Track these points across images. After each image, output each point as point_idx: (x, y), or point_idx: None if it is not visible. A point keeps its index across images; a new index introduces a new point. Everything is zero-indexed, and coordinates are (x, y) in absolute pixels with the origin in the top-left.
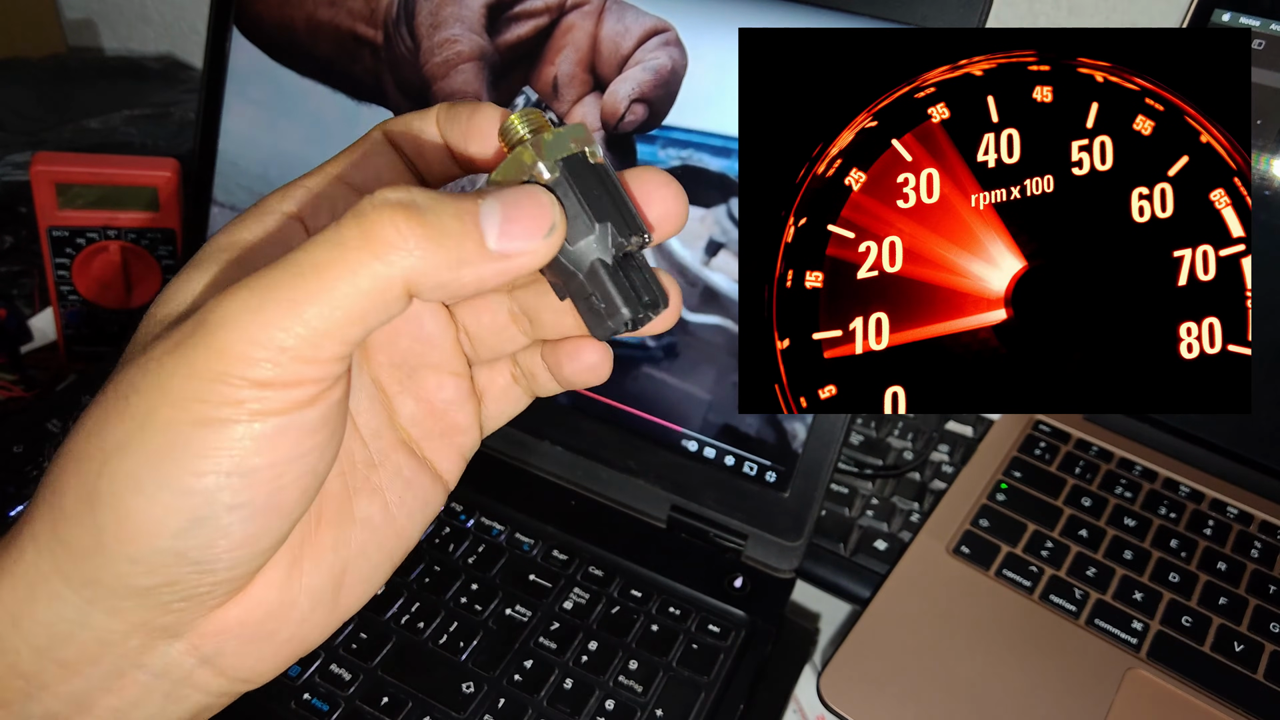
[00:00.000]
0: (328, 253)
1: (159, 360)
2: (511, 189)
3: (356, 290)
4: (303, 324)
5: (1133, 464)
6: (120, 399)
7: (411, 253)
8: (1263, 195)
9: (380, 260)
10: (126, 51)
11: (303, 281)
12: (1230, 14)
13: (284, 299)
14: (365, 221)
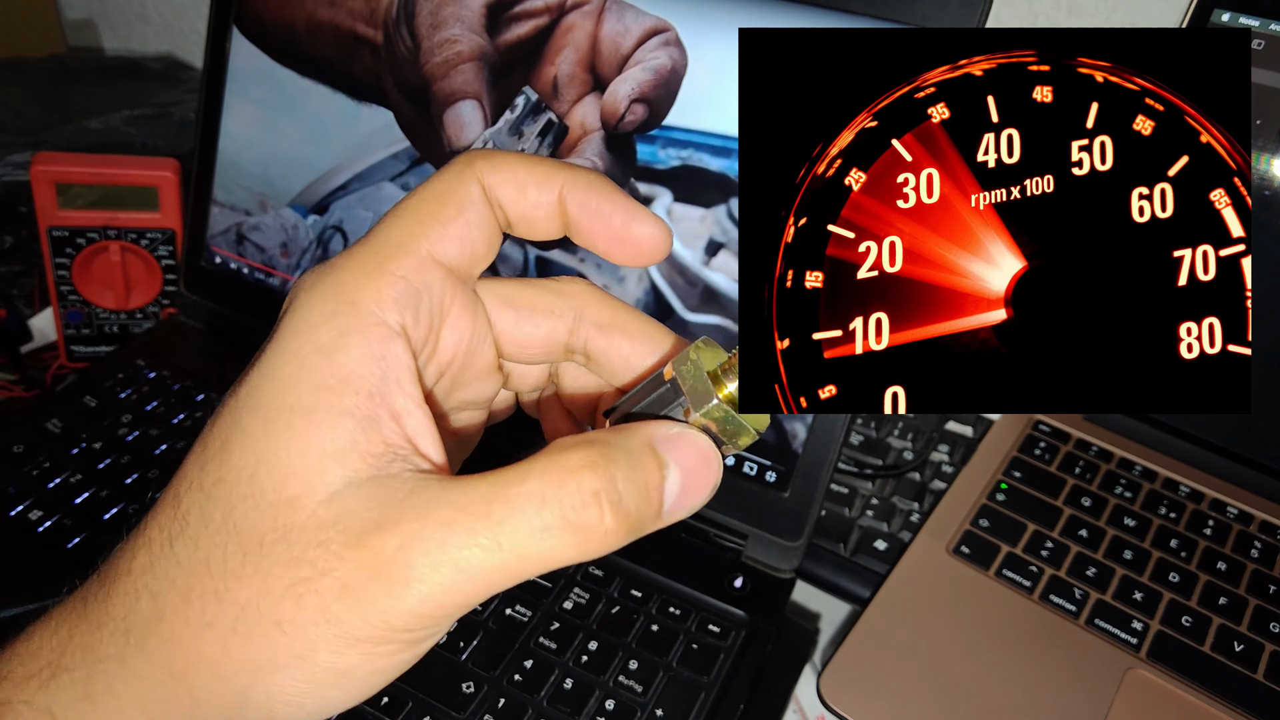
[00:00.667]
0: (528, 541)
1: (323, 599)
2: (689, 452)
3: (547, 566)
4: (490, 590)
5: (1133, 464)
6: (271, 623)
7: (605, 543)
8: (1262, 195)
9: (583, 553)
10: (127, 51)
11: (495, 559)
12: (1230, 14)
13: (477, 573)
14: (571, 515)
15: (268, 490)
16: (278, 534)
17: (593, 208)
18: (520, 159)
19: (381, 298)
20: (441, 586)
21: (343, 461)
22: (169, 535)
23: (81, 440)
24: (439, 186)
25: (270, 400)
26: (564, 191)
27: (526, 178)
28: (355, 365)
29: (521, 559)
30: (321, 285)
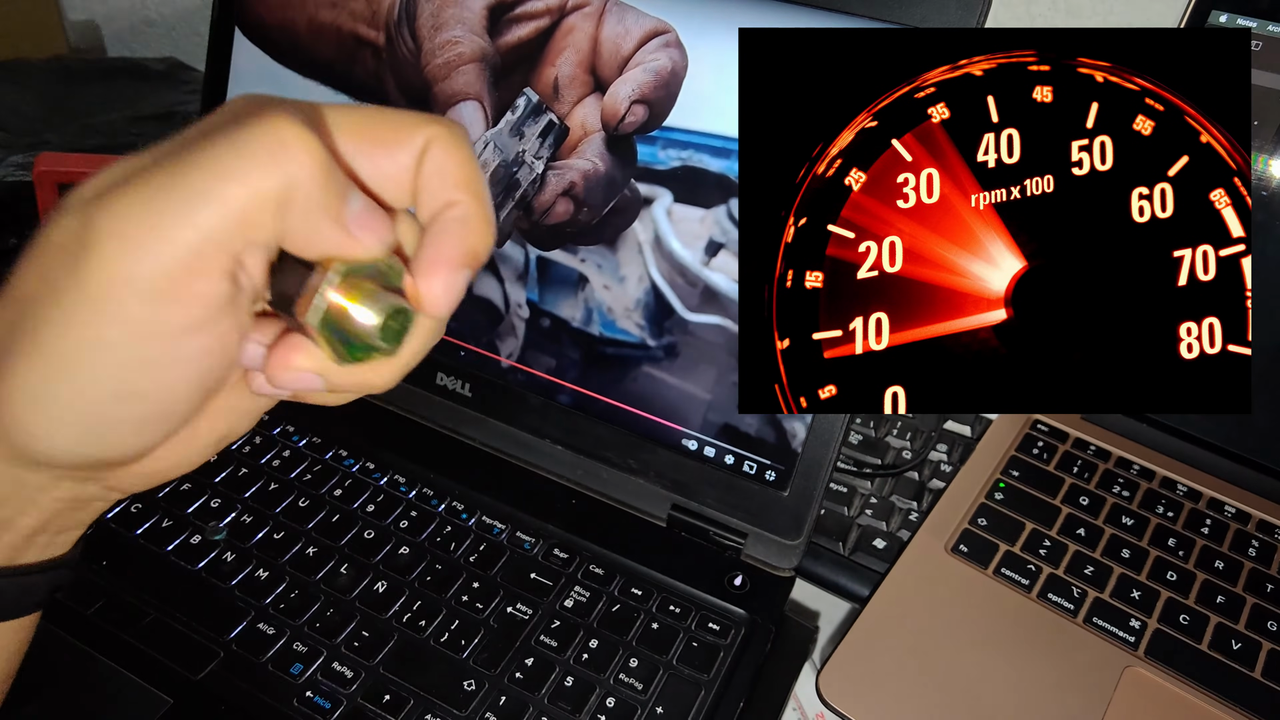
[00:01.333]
0: (221, 156)
1: (53, 270)
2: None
3: (249, 194)
4: (192, 238)
5: (1130, 463)
6: (23, 308)
7: (304, 167)
8: (1262, 195)
9: (278, 167)
10: (129, 53)
11: (189, 187)
12: (1228, 15)
13: (177, 211)
14: (264, 132)
15: (62, 201)
16: (44, 229)
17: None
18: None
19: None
20: (130, 225)
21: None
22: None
23: None
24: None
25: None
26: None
27: (452, 175)
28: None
29: (208, 215)
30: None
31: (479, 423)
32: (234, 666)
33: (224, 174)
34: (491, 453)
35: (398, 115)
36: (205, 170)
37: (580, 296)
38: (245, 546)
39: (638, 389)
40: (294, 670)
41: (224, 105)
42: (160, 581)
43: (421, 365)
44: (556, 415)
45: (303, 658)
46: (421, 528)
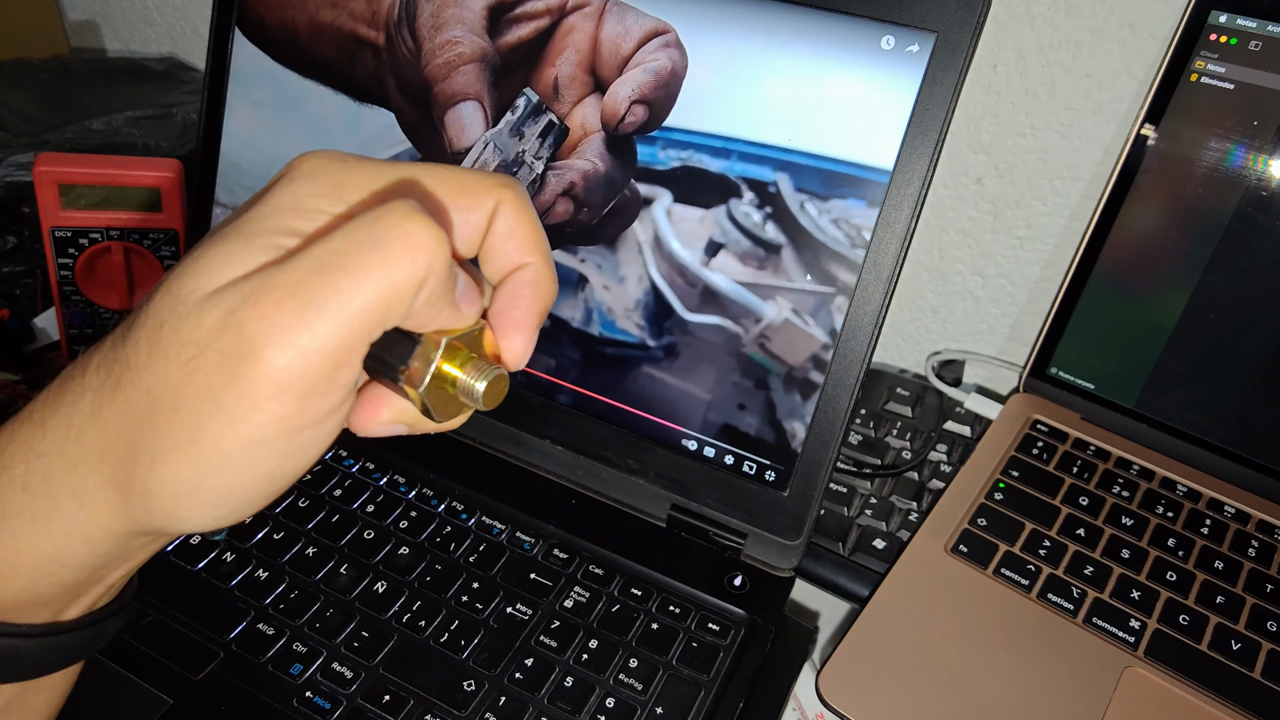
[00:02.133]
0: (362, 253)
1: (205, 372)
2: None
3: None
4: (343, 336)
5: (1130, 463)
6: (168, 404)
7: (436, 259)
8: (1261, 195)
9: (415, 263)
10: (129, 53)
11: (337, 288)
12: (1227, 15)
13: (329, 312)
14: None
15: (176, 286)
16: (172, 322)
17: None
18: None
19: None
20: (295, 333)
21: (245, 264)
22: (121, 335)
23: None
24: (476, 179)
25: (229, 220)
26: (522, 269)
27: (521, 237)
28: (301, 221)
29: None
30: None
31: (479, 423)
32: (234, 667)
33: (368, 275)
34: (491, 453)
35: (471, 177)
36: (350, 272)
37: (580, 297)
38: (245, 547)
39: (637, 389)
40: (294, 670)
41: (308, 170)
42: (160, 581)
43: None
44: (556, 415)
45: (302, 658)
46: (421, 528)
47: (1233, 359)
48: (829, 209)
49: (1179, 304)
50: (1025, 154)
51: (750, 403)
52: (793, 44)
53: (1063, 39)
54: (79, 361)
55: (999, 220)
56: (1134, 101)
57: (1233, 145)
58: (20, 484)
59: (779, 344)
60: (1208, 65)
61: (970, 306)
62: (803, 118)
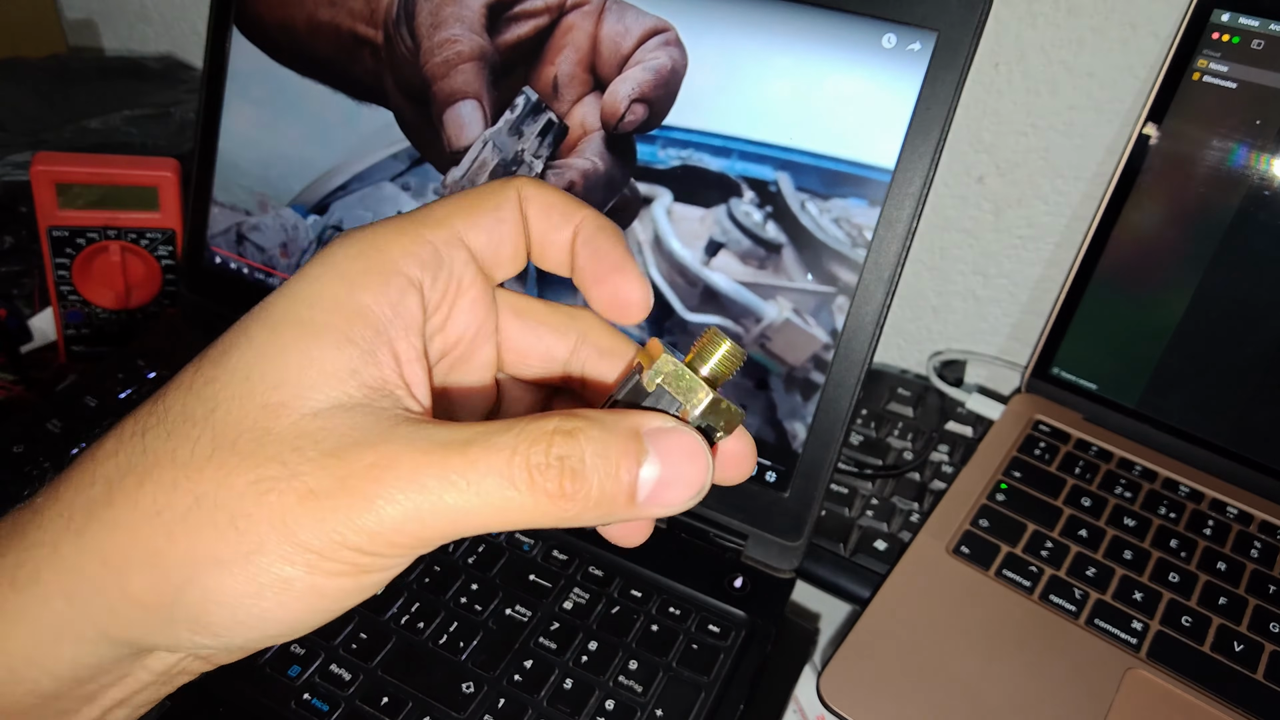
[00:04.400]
0: (495, 488)
1: (285, 500)
2: (675, 444)
3: (505, 520)
4: (450, 532)
5: (1132, 464)
6: (224, 517)
7: (566, 509)
8: (1263, 195)
9: (536, 513)
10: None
11: (462, 500)
12: (1230, 14)
13: (442, 507)
14: (534, 473)
15: (257, 393)
16: (255, 434)
17: (593, 246)
18: (555, 190)
19: (408, 253)
20: (404, 512)
21: (338, 382)
22: (142, 427)
23: (81, 440)
24: (482, 188)
25: (282, 313)
26: (579, 227)
27: (555, 203)
28: (370, 300)
29: (485, 505)
30: (356, 234)
31: None
32: (231, 668)
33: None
34: None
35: (481, 190)
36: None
37: (580, 297)
38: None
39: None
40: (292, 672)
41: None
42: None
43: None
44: None
45: (301, 660)
46: None
47: (1235, 359)
48: (830, 208)
49: (1181, 304)
50: (1027, 153)
51: (751, 403)
52: (793, 42)
53: (1064, 38)
54: (89, 449)
55: (1000, 220)
56: (1136, 100)
57: (1235, 144)
58: (8, 578)
59: (780, 344)
60: (1210, 64)
61: (972, 306)
62: (803, 116)
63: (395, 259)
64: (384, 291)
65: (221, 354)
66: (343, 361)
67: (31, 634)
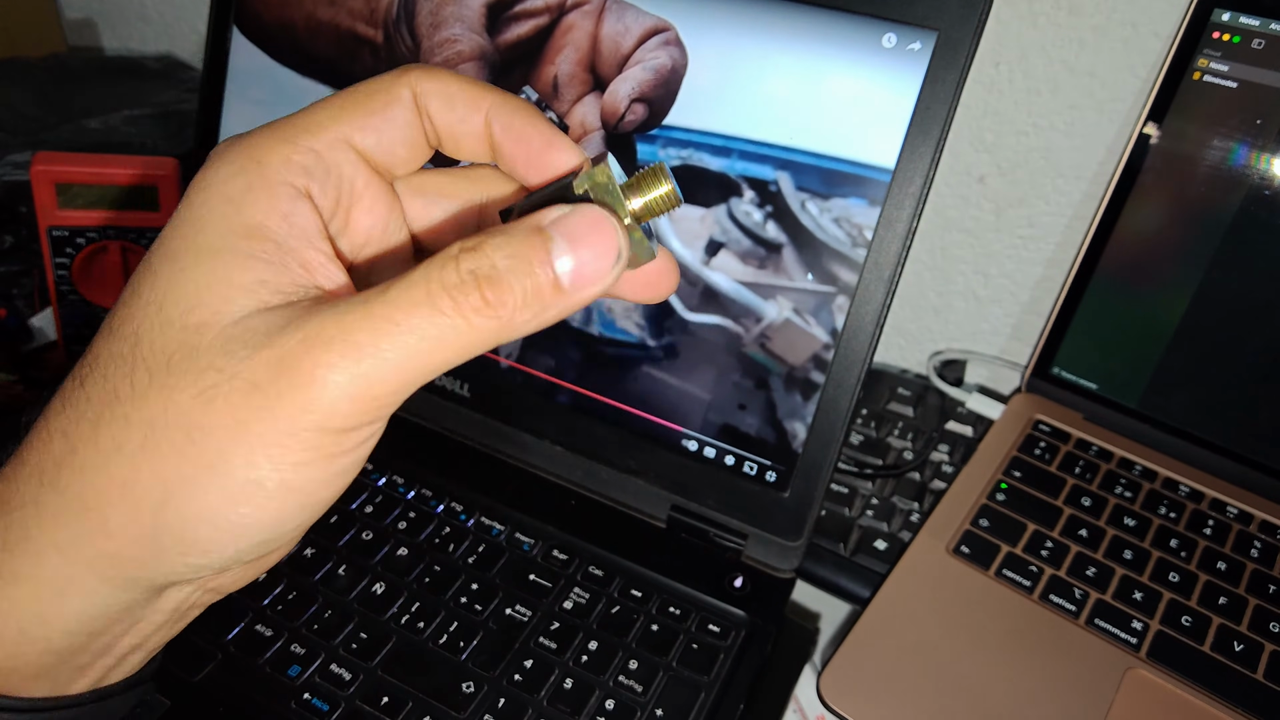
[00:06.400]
0: (424, 322)
1: (231, 401)
2: (577, 223)
3: (448, 353)
4: (399, 383)
5: (1132, 464)
6: (179, 434)
7: (496, 318)
8: (1263, 195)
9: (472, 334)
10: (126, 51)
11: (398, 345)
12: (1230, 13)
13: (381, 360)
14: (453, 294)
15: (174, 318)
16: (184, 352)
17: (515, 131)
18: (455, 77)
19: (289, 162)
20: (349, 377)
21: (251, 293)
22: (79, 378)
23: None
24: (369, 84)
25: (178, 244)
26: (490, 114)
27: (457, 93)
28: (262, 217)
29: (421, 342)
30: (232, 149)
31: (478, 423)
32: (232, 668)
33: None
34: (491, 453)
35: (367, 87)
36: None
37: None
38: None
39: (637, 389)
40: (292, 672)
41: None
42: None
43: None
44: (556, 415)
45: (301, 659)
46: (420, 529)
47: (1236, 359)
48: (830, 208)
49: (1182, 303)
50: (1027, 153)
51: (751, 403)
52: (793, 42)
53: (1065, 37)
54: (42, 413)
55: (1001, 219)
56: (1137, 100)
57: (1236, 144)
58: None
59: (780, 344)
60: (1210, 63)
61: (972, 306)
62: (804, 116)
63: (276, 169)
64: (273, 205)
65: (132, 294)
66: (251, 275)
67: (33, 592)
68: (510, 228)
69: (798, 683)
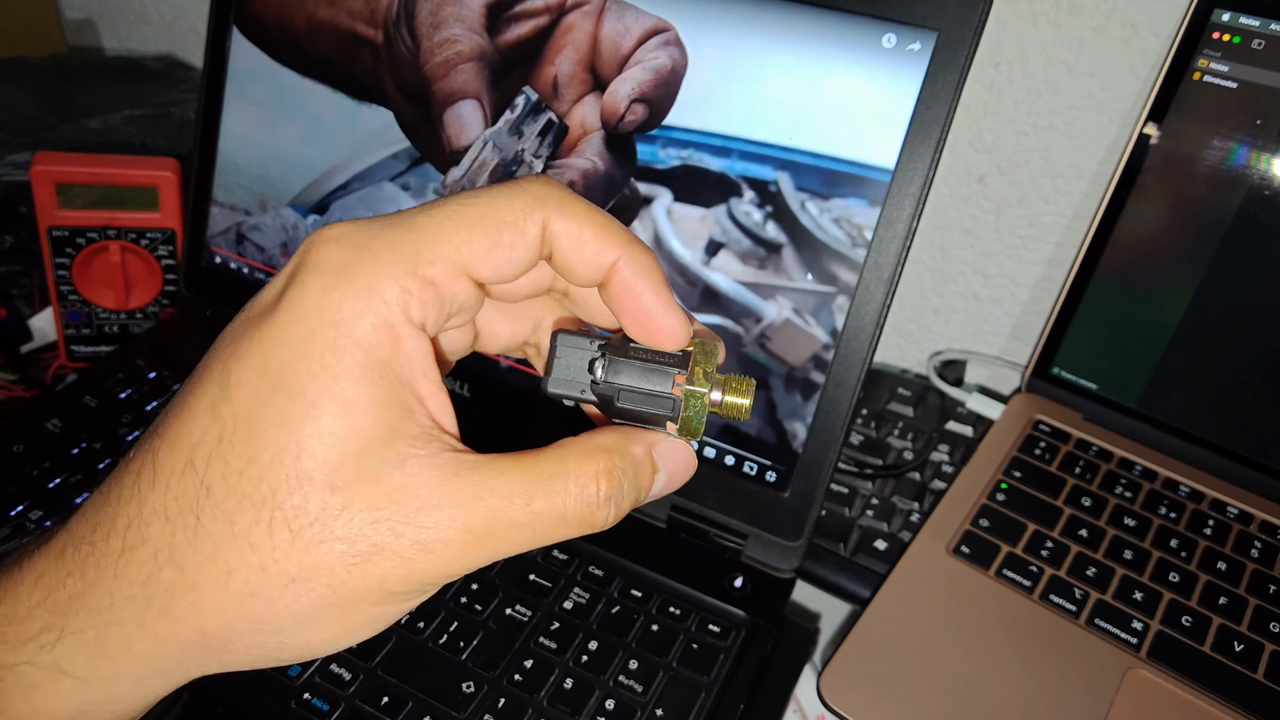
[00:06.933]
0: (553, 528)
1: (377, 567)
2: (678, 458)
3: (542, 545)
4: (504, 557)
5: (1133, 464)
6: (325, 589)
7: (600, 528)
8: (1263, 195)
9: (579, 535)
10: (126, 51)
11: (525, 541)
12: (1230, 14)
13: (507, 548)
14: (588, 511)
15: (315, 475)
16: (330, 513)
17: (637, 292)
18: (590, 213)
19: (412, 299)
20: (479, 557)
21: (386, 447)
22: (192, 507)
23: (81, 440)
24: (502, 213)
25: (307, 386)
26: (619, 263)
27: (589, 240)
28: (390, 360)
29: (541, 539)
30: (356, 272)
31: (478, 424)
32: None
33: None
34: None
35: (500, 207)
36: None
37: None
38: None
39: None
40: (292, 672)
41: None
42: None
43: None
44: (556, 415)
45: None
46: None
47: (1236, 359)
48: (830, 208)
49: (1182, 303)
50: (1027, 153)
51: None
52: (793, 42)
53: (1065, 37)
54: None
55: (1001, 219)
56: (1136, 100)
57: (1235, 144)
58: (94, 649)
59: (780, 344)
60: (1210, 64)
61: (972, 306)
62: (803, 116)
63: (399, 305)
64: (397, 348)
65: (251, 427)
66: (385, 428)
67: (131, 686)
68: (634, 451)
69: (798, 683)
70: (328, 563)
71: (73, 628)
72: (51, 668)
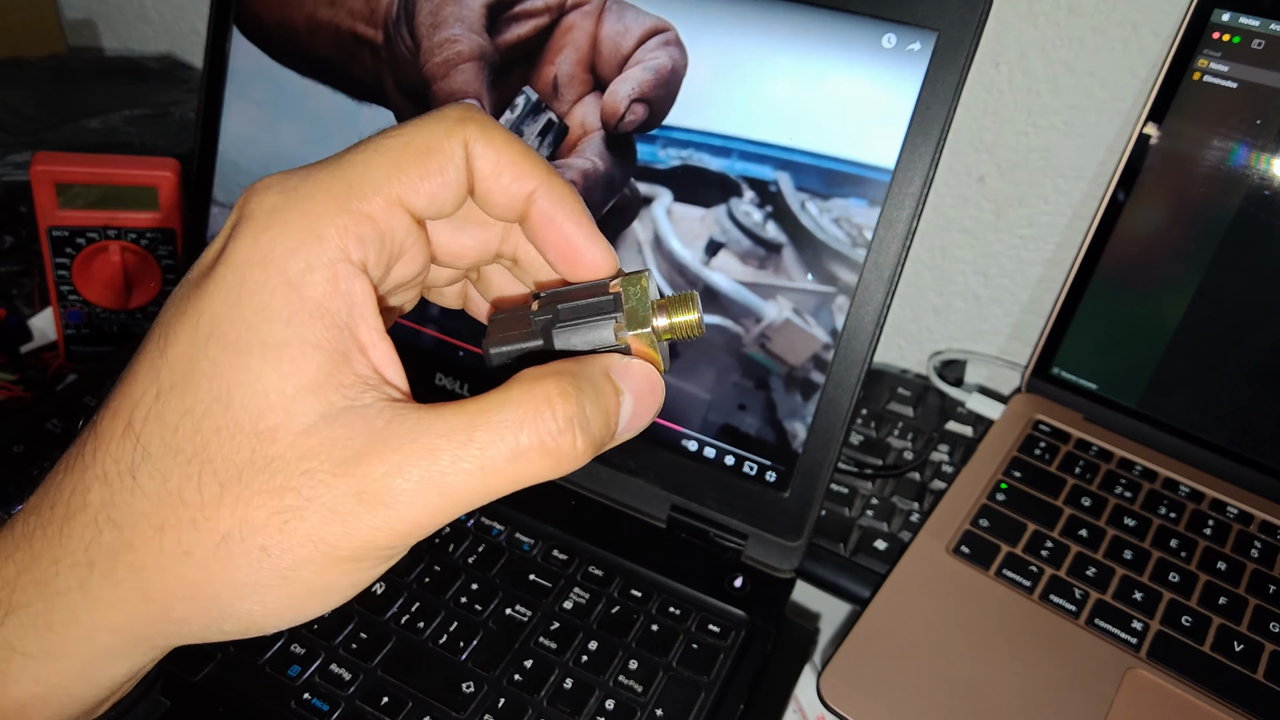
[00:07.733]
0: (505, 463)
1: (308, 524)
2: (641, 380)
3: (520, 485)
4: (468, 506)
5: (1132, 464)
6: (255, 547)
7: (576, 465)
8: (1263, 195)
9: (554, 473)
10: (126, 51)
11: (476, 481)
12: (1230, 14)
13: (459, 493)
14: (549, 442)
15: (244, 423)
16: (257, 465)
17: (557, 222)
18: (509, 141)
19: (348, 235)
20: (425, 508)
21: (318, 394)
22: (129, 467)
23: None
24: (425, 138)
25: (239, 332)
26: (536, 193)
27: (507, 165)
28: (324, 300)
29: (499, 479)
30: (288, 213)
31: None
32: (232, 668)
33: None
34: None
35: (423, 132)
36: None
37: None
38: None
39: None
40: (292, 672)
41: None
42: None
43: (419, 365)
44: None
45: (300, 659)
46: None
47: (1236, 359)
48: (830, 208)
49: (1182, 303)
50: (1027, 153)
51: (751, 403)
52: (793, 42)
53: (1065, 37)
54: (69, 491)
55: (1001, 219)
56: (1136, 100)
57: (1235, 144)
58: (42, 623)
59: (780, 344)
60: (1210, 64)
61: (972, 306)
62: (804, 116)
63: (334, 243)
64: (333, 286)
65: (184, 378)
66: (317, 371)
67: (80, 668)
68: (587, 372)
69: (798, 683)
70: (258, 520)
71: (20, 601)
72: (1, 645)
